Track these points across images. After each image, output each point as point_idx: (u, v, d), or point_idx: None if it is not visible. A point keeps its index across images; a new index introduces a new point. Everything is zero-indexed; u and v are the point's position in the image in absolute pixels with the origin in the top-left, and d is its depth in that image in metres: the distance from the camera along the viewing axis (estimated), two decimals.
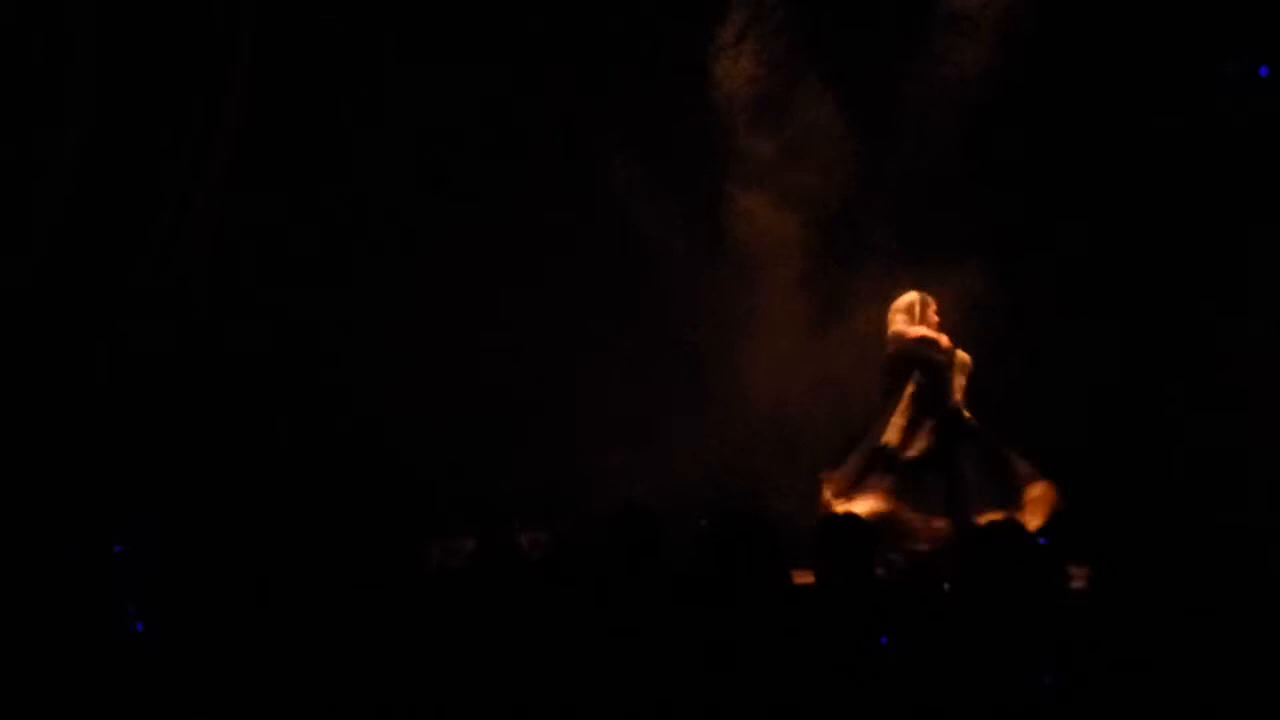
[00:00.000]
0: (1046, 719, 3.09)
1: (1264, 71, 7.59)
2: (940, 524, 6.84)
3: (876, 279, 7.84)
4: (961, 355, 7.29)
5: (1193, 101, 7.86)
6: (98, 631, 3.79)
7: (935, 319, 7.35)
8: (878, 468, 7.10)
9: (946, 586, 3.44)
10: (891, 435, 7.15)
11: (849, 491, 7.00)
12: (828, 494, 7.04)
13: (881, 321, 7.43)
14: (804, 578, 3.94)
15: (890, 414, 7.18)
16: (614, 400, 8.12)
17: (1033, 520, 6.72)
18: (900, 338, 7.29)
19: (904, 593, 4.00)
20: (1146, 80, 7.90)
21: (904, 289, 7.43)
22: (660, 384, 8.19)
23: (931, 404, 7.19)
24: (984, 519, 6.44)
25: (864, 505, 6.75)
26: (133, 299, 7.53)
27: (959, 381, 7.25)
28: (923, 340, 7.25)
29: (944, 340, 7.29)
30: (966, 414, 7.22)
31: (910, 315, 7.33)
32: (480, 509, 6.80)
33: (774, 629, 3.46)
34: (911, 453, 7.12)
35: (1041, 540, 3.49)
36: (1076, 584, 3.30)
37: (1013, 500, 6.90)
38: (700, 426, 8.09)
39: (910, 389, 7.22)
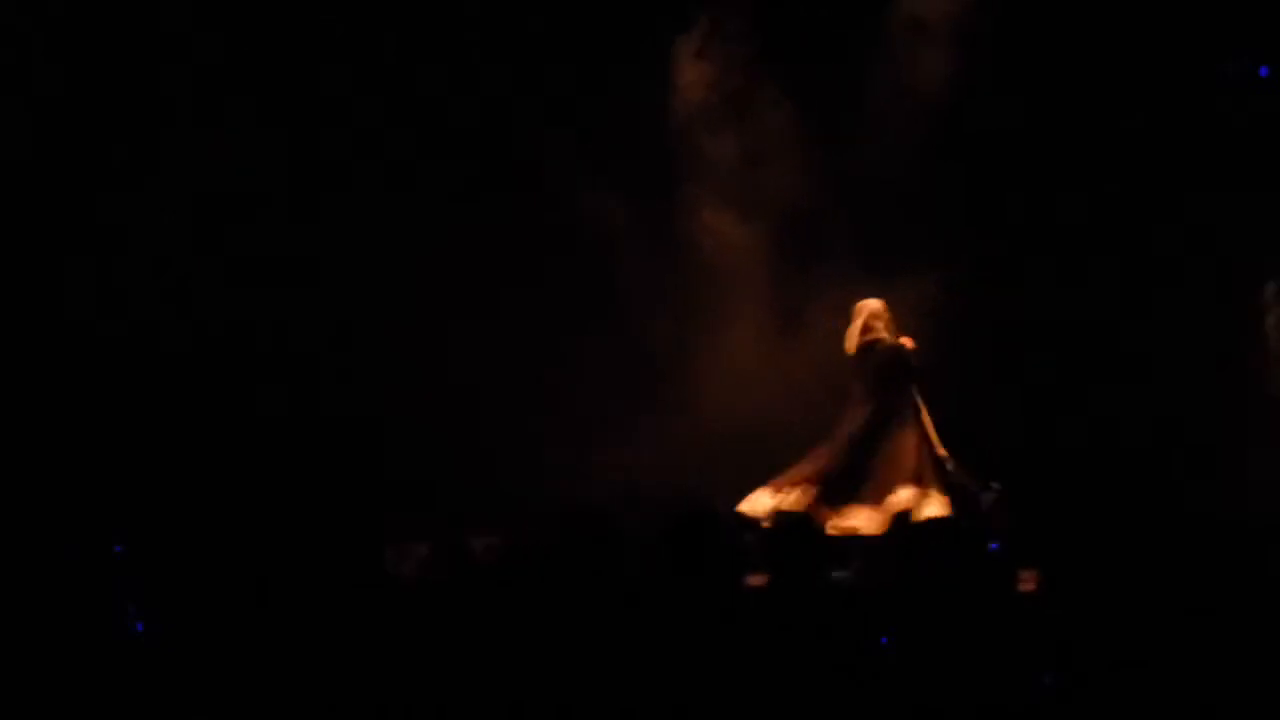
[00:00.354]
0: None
1: (1264, 71, 7.58)
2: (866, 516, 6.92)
3: (835, 286, 7.84)
4: (914, 353, 7.33)
5: (1157, 103, 7.91)
6: (98, 631, 3.76)
7: (888, 318, 7.39)
8: (936, 478, 7.07)
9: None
10: (852, 430, 7.17)
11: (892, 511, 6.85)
12: (858, 523, 6.98)
13: (841, 325, 7.43)
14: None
15: (905, 422, 7.17)
16: (571, 403, 8.11)
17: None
18: (899, 346, 7.29)
19: (855, 594, 4.00)
20: (1106, 83, 7.96)
21: (864, 294, 7.44)
22: (620, 387, 8.18)
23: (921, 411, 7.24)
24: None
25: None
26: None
27: (912, 379, 7.28)
28: (915, 350, 7.28)
29: (901, 340, 7.34)
30: (923, 408, 7.26)
31: (870, 318, 7.34)
32: (434, 513, 6.77)
33: (727, 629, 3.45)
34: (869, 447, 7.13)
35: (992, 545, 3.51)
36: (1025, 587, 3.31)
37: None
38: (659, 430, 8.09)
39: (865, 388, 7.22)
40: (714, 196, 8.40)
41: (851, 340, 7.36)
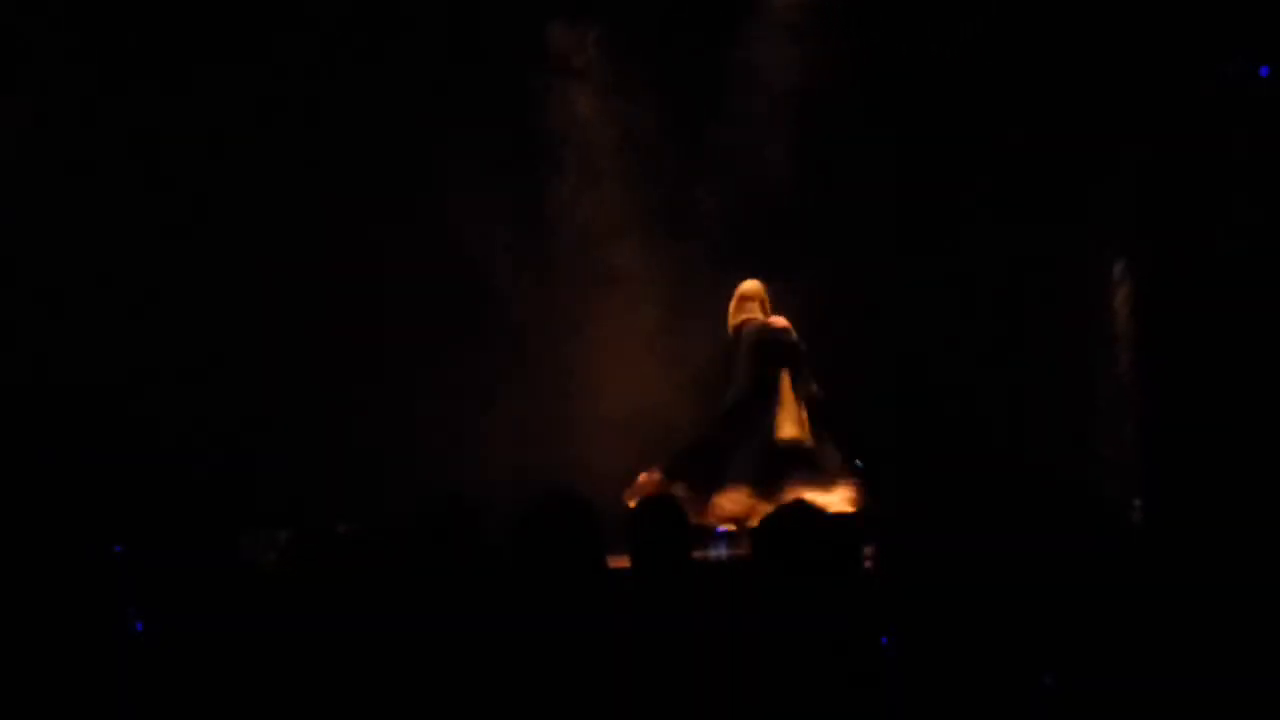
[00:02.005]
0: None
1: (1264, 71, 7.58)
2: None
3: (716, 269, 7.91)
4: (791, 334, 7.30)
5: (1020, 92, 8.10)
6: (98, 631, 3.69)
7: (766, 301, 7.41)
8: (789, 464, 7.00)
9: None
10: (791, 429, 7.11)
11: (765, 495, 6.81)
12: (726, 505, 6.93)
13: (723, 308, 7.45)
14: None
15: (772, 407, 7.14)
16: (441, 391, 8.09)
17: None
18: (768, 327, 7.27)
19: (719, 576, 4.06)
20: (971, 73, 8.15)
21: (743, 277, 7.48)
22: (492, 373, 8.19)
23: (798, 392, 7.21)
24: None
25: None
26: None
27: (789, 362, 7.25)
28: (788, 329, 7.28)
29: (778, 321, 7.32)
30: (803, 392, 7.24)
31: (762, 304, 7.41)
32: (299, 503, 6.73)
33: (590, 611, 3.48)
34: (808, 443, 7.13)
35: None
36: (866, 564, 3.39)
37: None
38: (533, 415, 8.12)
39: (786, 379, 7.26)
40: (586, 179, 8.44)
41: (729, 321, 7.42)
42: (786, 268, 7.81)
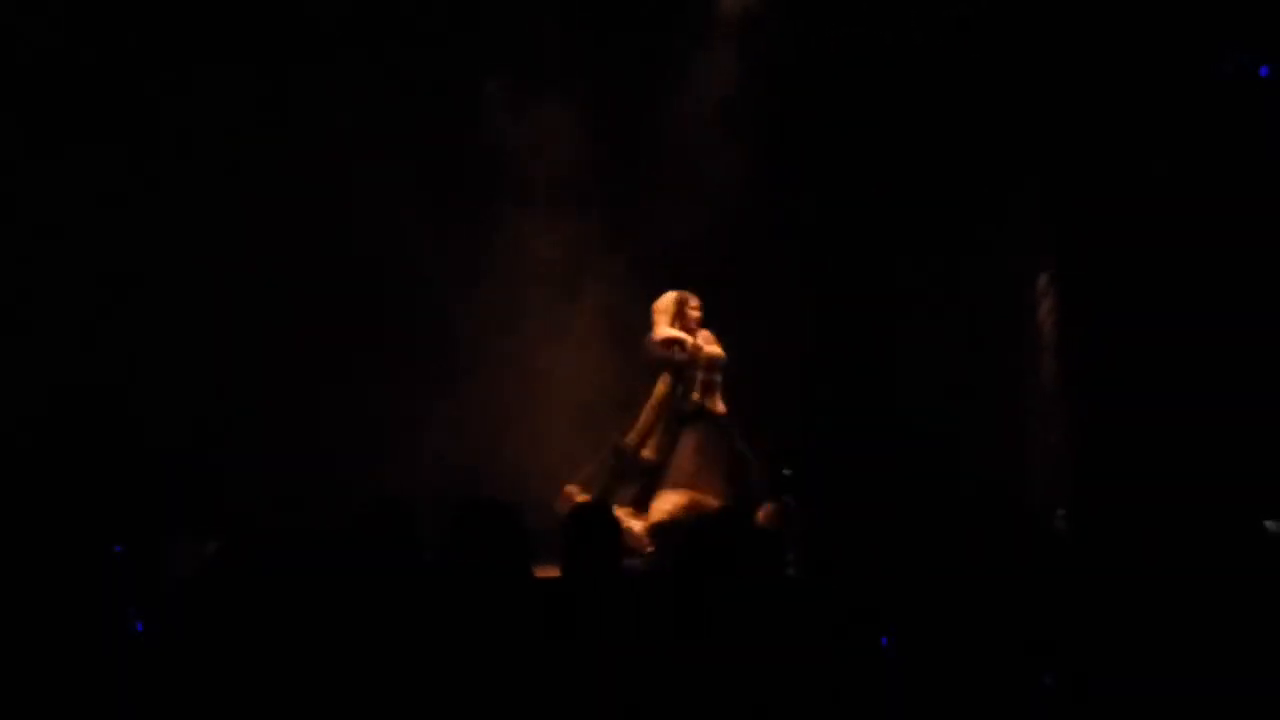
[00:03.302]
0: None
1: (1264, 71, 7.62)
2: (638, 522, 7.00)
3: (640, 283, 7.94)
4: (711, 351, 7.38)
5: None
6: (98, 632, 3.64)
7: (696, 314, 7.45)
8: (619, 470, 7.22)
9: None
10: (631, 436, 7.28)
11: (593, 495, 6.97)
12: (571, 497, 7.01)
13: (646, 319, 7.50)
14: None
15: (693, 417, 7.26)
16: (374, 398, 8.07)
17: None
18: (647, 343, 7.40)
19: (649, 586, 4.07)
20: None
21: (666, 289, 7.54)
22: (424, 382, 8.16)
23: (678, 404, 7.32)
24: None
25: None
26: None
27: (706, 378, 7.34)
28: (663, 341, 7.34)
29: (689, 339, 7.38)
30: (720, 408, 7.35)
31: (669, 316, 7.44)
32: (226, 512, 6.68)
33: (516, 619, 3.48)
34: (648, 453, 7.25)
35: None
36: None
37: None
38: (463, 424, 8.10)
39: (660, 390, 7.34)
40: (517, 192, 8.44)
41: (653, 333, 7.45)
42: (721, 280, 7.87)
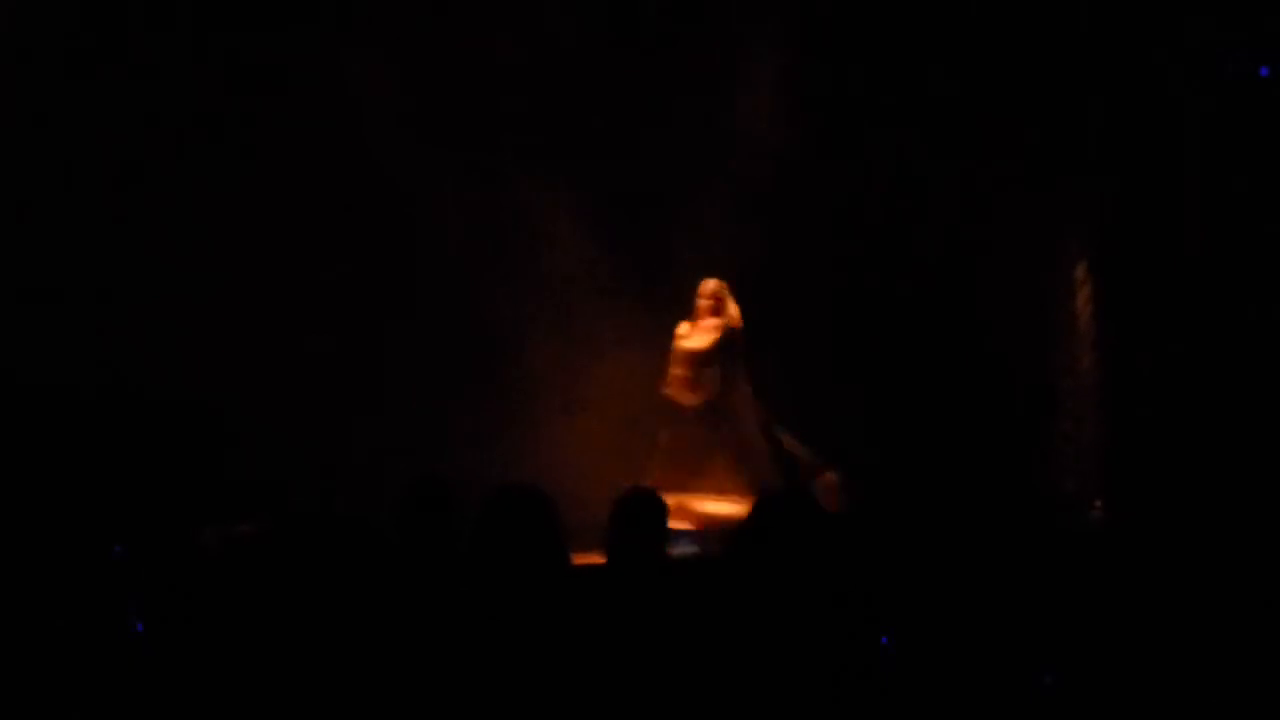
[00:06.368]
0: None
1: (1264, 71, 7.58)
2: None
3: (677, 270, 7.84)
4: (709, 339, 7.34)
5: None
6: (98, 631, 3.63)
7: (705, 303, 7.41)
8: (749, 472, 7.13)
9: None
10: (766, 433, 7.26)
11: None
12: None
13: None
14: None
15: (731, 407, 7.23)
16: (408, 384, 8.00)
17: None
18: (738, 320, 7.33)
19: (693, 572, 4.02)
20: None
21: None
22: (461, 369, 8.11)
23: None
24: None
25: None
26: None
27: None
28: (738, 330, 7.33)
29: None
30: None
31: (721, 303, 7.40)
32: (264, 493, 6.64)
33: (551, 608, 3.42)
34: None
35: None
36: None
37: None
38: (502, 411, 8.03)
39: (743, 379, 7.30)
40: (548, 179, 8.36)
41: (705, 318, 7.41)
42: (747, 256, 7.78)
